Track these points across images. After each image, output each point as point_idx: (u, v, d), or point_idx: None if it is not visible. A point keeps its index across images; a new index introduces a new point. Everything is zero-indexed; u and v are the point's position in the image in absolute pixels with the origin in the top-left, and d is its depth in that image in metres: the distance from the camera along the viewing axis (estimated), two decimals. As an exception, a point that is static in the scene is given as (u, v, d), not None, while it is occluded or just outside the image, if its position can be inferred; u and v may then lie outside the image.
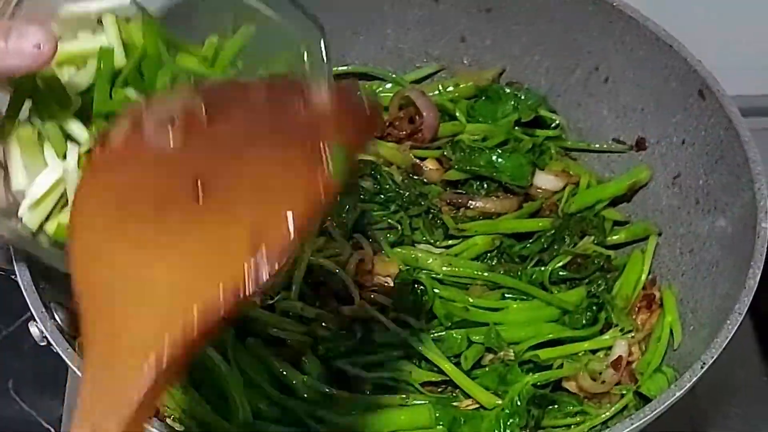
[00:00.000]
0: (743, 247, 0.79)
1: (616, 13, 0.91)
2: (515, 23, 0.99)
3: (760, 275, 0.75)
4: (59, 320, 0.76)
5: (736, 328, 0.73)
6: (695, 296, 0.86)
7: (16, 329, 1.02)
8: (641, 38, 0.91)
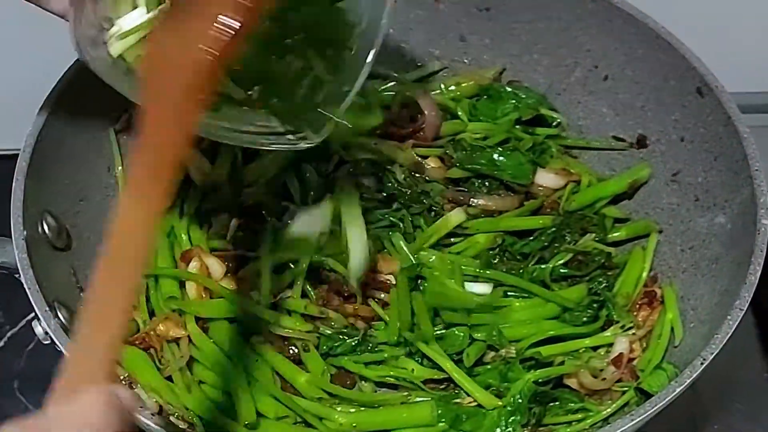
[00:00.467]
0: (743, 243, 0.79)
1: (615, 11, 0.92)
2: (515, 22, 0.99)
3: (760, 271, 0.76)
4: (63, 319, 0.76)
5: (736, 324, 0.73)
6: (696, 293, 0.86)
7: (20, 329, 1.03)
8: (640, 36, 0.91)
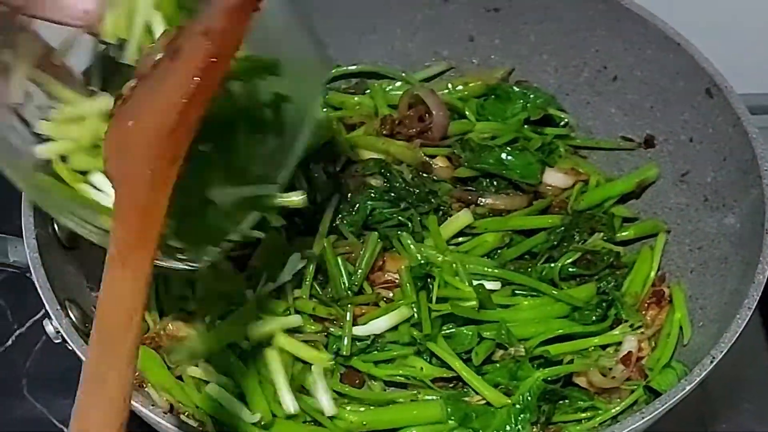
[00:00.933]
0: (752, 243, 0.79)
1: (623, 12, 0.92)
2: (523, 23, 0.99)
3: (769, 270, 0.76)
4: (73, 317, 0.76)
5: (745, 323, 0.73)
6: (704, 292, 0.86)
7: (28, 329, 1.03)
8: (649, 37, 0.91)
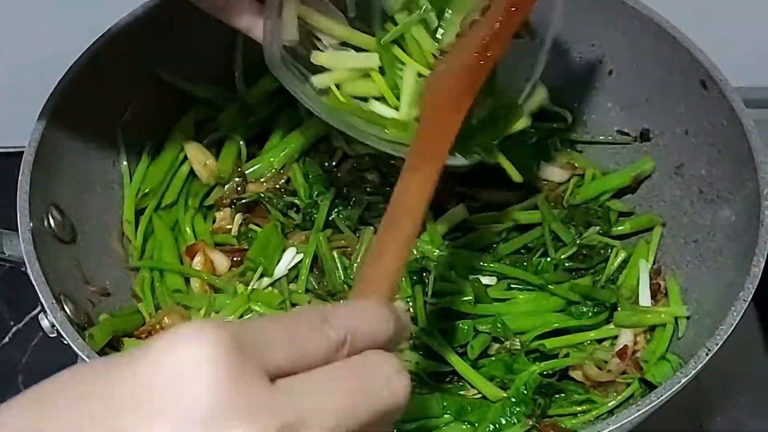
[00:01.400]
0: (747, 235, 0.79)
1: (619, 5, 0.92)
2: (519, 17, 0.99)
3: (764, 263, 0.76)
4: (69, 312, 0.76)
5: (740, 315, 0.73)
6: (700, 285, 0.86)
7: (25, 325, 1.03)
8: (645, 30, 0.91)
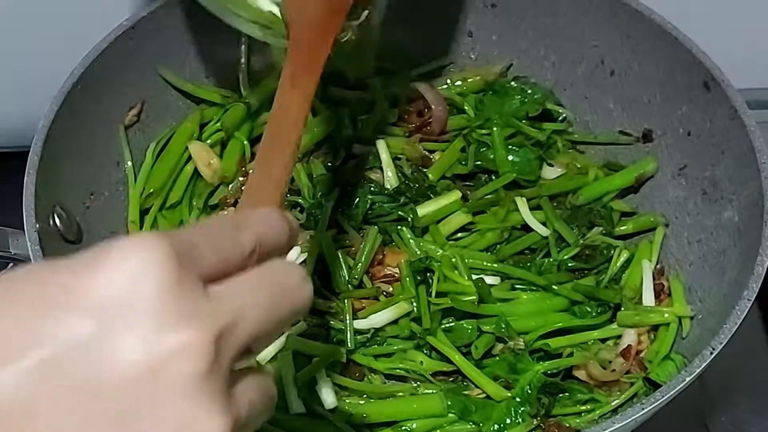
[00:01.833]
0: (750, 235, 0.79)
1: (621, 6, 0.92)
2: (521, 18, 0.99)
3: (768, 263, 0.76)
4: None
5: (744, 314, 0.73)
6: (703, 285, 0.86)
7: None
8: (646, 31, 0.91)
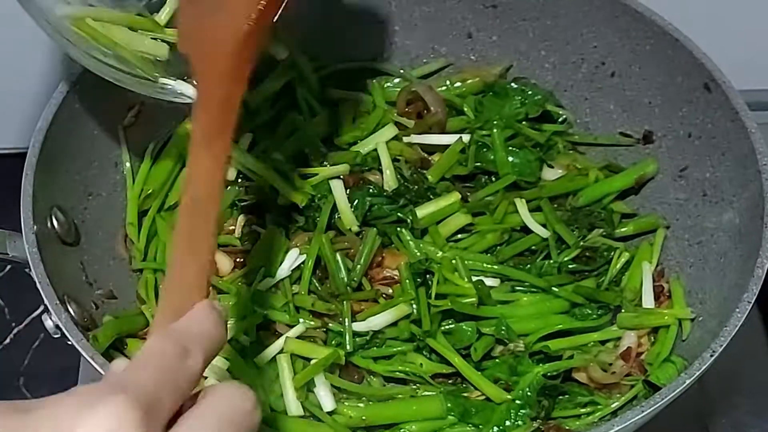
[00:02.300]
0: (751, 237, 0.79)
1: (621, 7, 0.92)
2: (522, 19, 0.99)
3: (768, 265, 0.76)
4: (72, 313, 0.76)
5: (744, 316, 0.73)
6: (703, 287, 0.86)
7: (26, 326, 1.03)
8: (647, 32, 0.91)
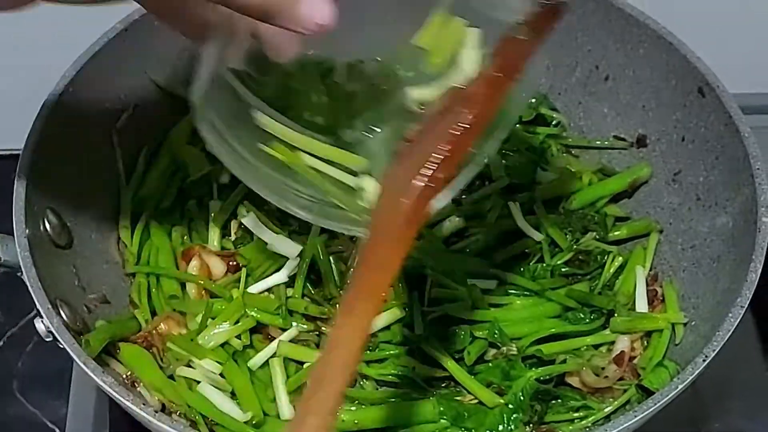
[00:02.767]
0: (744, 242, 0.79)
1: (615, 11, 0.92)
2: (516, 23, 0.99)
3: (761, 269, 0.76)
4: (65, 316, 0.76)
5: (738, 321, 0.73)
6: (697, 291, 0.86)
7: (19, 329, 1.02)
8: (641, 36, 0.91)
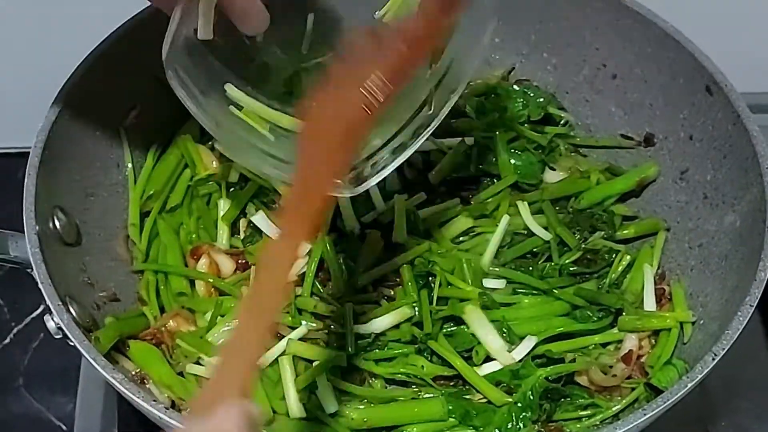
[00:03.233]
0: (752, 240, 0.79)
1: (623, 10, 0.92)
2: (523, 21, 1.00)
3: (770, 268, 0.76)
4: (74, 313, 0.76)
5: (747, 320, 0.73)
6: (705, 290, 0.86)
7: (26, 326, 1.02)
8: (649, 35, 0.91)
